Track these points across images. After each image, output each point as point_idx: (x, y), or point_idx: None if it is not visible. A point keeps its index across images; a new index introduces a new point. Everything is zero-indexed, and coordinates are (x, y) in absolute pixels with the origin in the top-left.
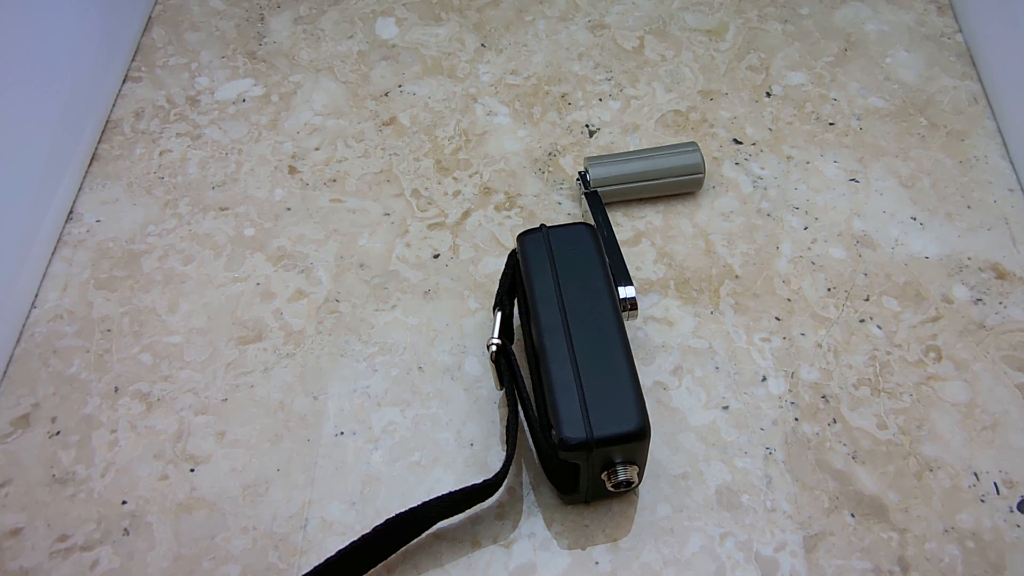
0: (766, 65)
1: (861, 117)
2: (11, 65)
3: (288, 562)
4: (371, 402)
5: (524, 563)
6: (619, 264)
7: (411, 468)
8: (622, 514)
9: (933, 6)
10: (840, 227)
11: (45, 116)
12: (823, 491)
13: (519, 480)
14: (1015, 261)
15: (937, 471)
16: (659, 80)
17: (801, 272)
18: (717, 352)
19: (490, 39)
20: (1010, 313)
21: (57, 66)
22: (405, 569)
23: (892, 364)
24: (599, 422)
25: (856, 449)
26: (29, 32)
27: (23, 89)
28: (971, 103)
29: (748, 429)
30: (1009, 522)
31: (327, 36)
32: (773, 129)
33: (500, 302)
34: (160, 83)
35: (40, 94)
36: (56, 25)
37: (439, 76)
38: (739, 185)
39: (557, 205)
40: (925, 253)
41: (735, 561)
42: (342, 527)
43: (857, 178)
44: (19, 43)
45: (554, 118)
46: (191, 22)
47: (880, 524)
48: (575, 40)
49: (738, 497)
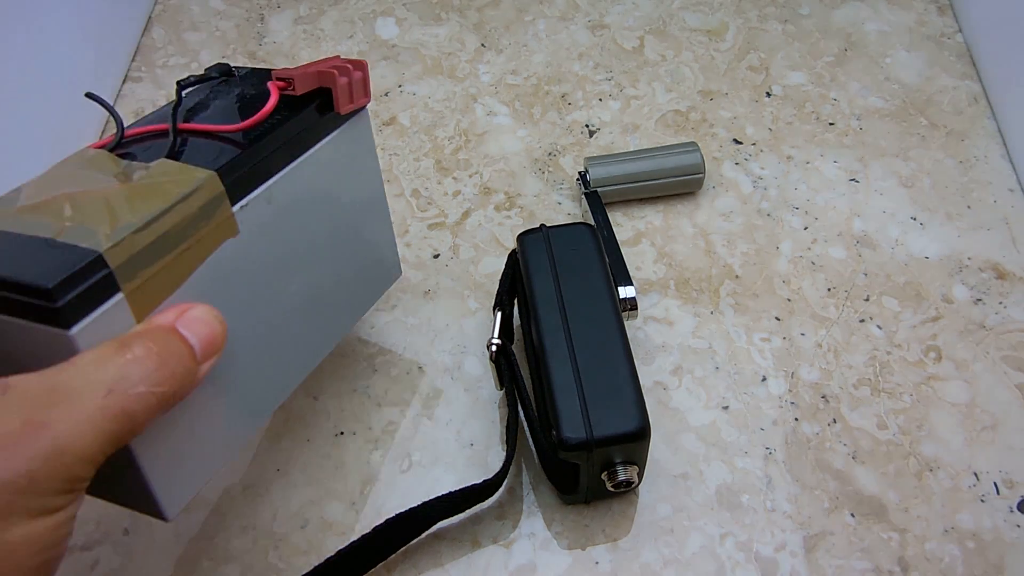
0: (766, 65)
1: (861, 117)
2: (11, 65)
3: (288, 562)
4: (371, 402)
5: (524, 563)
6: (619, 264)
7: (411, 468)
8: (622, 514)
9: (933, 6)
10: (840, 227)
11: (45, 116)
12: (823, 491)
13: (519, 480)
14: (1015, 261)
15: (937, 471)
16: (659, 80)
17: (801, 272)
18: (717, 352)
19: (490, 39)
20: (1010, 313)
21: (57, 66)
22: (405, 569)
23: (892, 364)
24: (599, 422)
25: (856, 449)
26: (29, 32)
27: (23, 89)
28: (971, 103)
29: (748, 429)
30: (1009, 522)
31: (327, 36)
32: (773, 129)
33: (500, 302)
34: (160, 83)
35: (40, 94)
36: (56, 25)
37: (439, 76)
38: (739, 185)
39: (557, 205)
40: (925, 253)
41: (735, 561)
42: (342, 527)
43: (857, 178)
44: (19, 43)
45: (554, 118)
46: (191, 22)
47: (880, 524)
48: (575, 40)
49: (738, 497)
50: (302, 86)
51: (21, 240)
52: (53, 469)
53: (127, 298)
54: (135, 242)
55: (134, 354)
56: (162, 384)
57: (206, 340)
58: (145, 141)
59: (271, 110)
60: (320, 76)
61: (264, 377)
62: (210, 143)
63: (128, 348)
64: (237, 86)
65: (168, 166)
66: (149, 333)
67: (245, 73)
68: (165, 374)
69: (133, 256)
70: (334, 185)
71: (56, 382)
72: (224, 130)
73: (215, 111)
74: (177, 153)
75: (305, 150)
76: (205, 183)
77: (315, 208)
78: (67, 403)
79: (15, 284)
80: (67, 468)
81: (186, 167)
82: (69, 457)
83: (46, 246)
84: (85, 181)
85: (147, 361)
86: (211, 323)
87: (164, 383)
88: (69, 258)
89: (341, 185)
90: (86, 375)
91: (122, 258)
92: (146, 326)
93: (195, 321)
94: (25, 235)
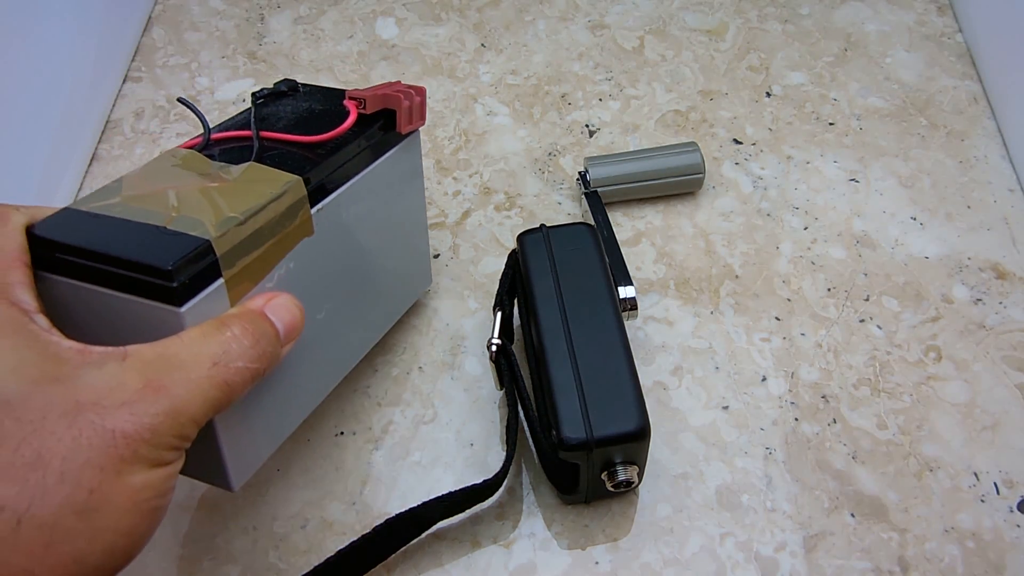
0: (766, 65)
1: (861, 117)
2: (11, 65)
3: (288, 562)
4: (371, 402)
5: (524, 563)
6: (619, 264)
7: (411, 468)
8: (622, 514)
9: (933, 6)
10: (840, 227)
11: (45, 116)
12: (823, 491)
13: (519, 480)
14: (1015, 261)
15: (937, 471)
16: (659, 80)
17: (801, 272)
18: (717, 352)
19: (490, 39)
20: (1010, 313)
21: (57, 66)
22: (405, 569)
23: (892, 364)
24: (599, 422)
25: (856, 449)
26: (29, 32)
27: (23, 89)
28: (971, 103)
29: (748, 429)
30: (1009, 522)
31: (327, 36)
32: (773, 129)
33: (500, 302)
34: (160, 83)
35: (40, 94)
36: (56, 25)
37: (439, 76)
38: (739, 185)
39: (557, 205)
40: (925, 253)
41: (735, 561)
42: (342, 527)
43: (857, 178)
44: (19, 43)
45: (554, 118)
46: (191, 22)
47: (880, 524)
48: (575, 40)
49: (738, 497)
50: (372, 106)
51: (134, 226)
52: (170, 426)
53: (226, 283)
54: (237, 234)
55: (233, 333)
56: (256, 361)
57: (289, 325)
58: (228, 144)
59: (351, 125)
60: (387, 98)
61: (318, 367)
62: (292, 151)
63: (228, 327)
64: (304, 100)
65: (257, 169)
66: (244, 315)
67: (309, 89)
68: (258, 352)
69: (234, 247)
70: (387, 197)
71: (168, 352)
72: (304, 140)
73: (290, 122)
74: (263, 158)
75: (369, 164)
76: (293, 186)
77: (370, 217)
78: (181, 370)
79: (136, 264)
80: (181, 427)
81: (273, 171)
82: (183, 417)
83: (159, 232)
84: (183, 177)
85: (244, 339)
86: (293, 310)
87: (257, 360)
88: (183, 243)
89: (393, 198)
90: (194, 348)
91: (225, 247)
92: (240, 309)
93: (280, 308)
94: (137, 221)
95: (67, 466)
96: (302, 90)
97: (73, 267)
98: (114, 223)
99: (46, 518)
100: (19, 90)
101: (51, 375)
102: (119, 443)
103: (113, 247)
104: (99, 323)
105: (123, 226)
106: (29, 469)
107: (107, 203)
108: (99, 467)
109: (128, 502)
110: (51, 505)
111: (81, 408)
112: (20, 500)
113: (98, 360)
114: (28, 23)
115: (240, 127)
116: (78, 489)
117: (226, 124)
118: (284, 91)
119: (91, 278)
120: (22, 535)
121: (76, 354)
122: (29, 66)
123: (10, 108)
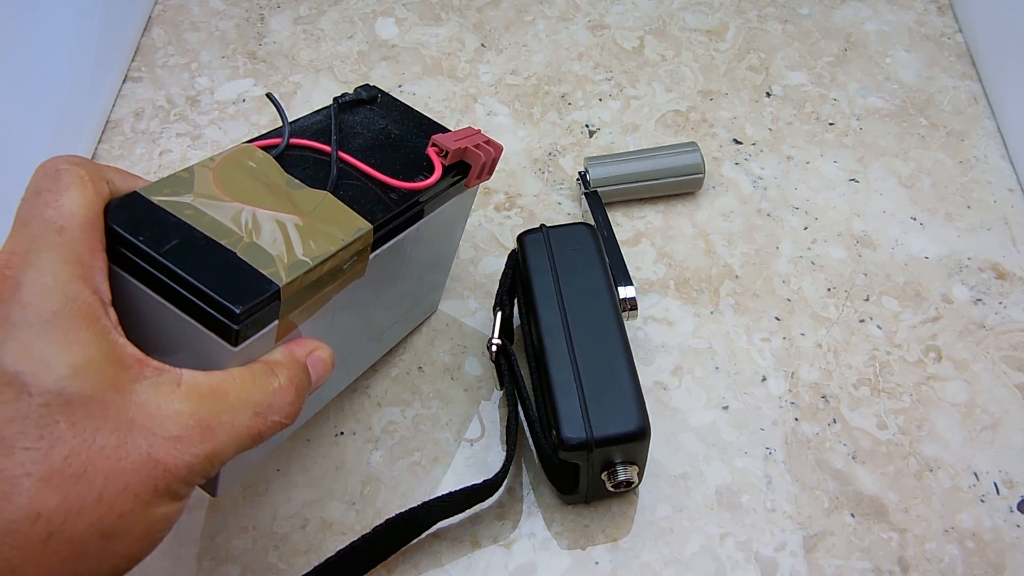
0: (766, 65)
1: (861, 117)
2: (11, 65)
3: (288, 562)
4: (371, 402)
5: (524, 563)
6: (619, 264)
7: (411, 468)
8: (622, 514)
9: (933, 6)
10: (840, 227)
11: (45, 116)
12: (823, 491)
13: (519, 480)
14: (1015, 261)
15: (937, 471)
16: (659, 80)
17: (801, 272)
18: (717, 352)
19: (490, 39)
20: (1010, 313)
21: (57, 66)
22: (405, 569)
23: (892, 364)
24: (599, 422)
25: (856, 449)
26: (29, 32)
27: (23, 89)
28: (971, 103)
29: (748, 429)
30: (1009, 522)
31: (327, 36)
32: (773, 129)
33: (500, 302)
34: (160, 83)
35: (40, 94)
36: (56, 25)
37: (439, 76)
38: (739, 185)
39: (557, 205)
40: (925, 253)
41: (735, 561)
42: (342, 527)
43: (857, 178)
44: (19, 43)
45: (554, 118)
46: (191, 22)
47: (880, 524)
48: (575, 40)
49: (738, 497)
50: (452, 159)
51: (206, 244)
52: (204, 468)
53: (278, 324)
54: (303, 281)
55: (280, 384)
56: (289, 418)
57: (319, 380)
58: (305, 152)
59: (435, 182)
60: (467, 153)
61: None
62: (368, 189)
63: (275, 376)
64: (383, 116)
65: (331, 205)
66: (291, 365)
67: (387, 101)
68: (295, 409)
69: (297, 292)
70: (434, 239)
71: (221, 389)
72: (382, 180)
73: (367, 142)
74: (338, 187)
75: (432, 211)
76: (363, 235)
77: (414, 257)
78: (227, 414)
79: (207, 296)
80: (212, 468)
81: (347, 211)
82: (217, 460)
83: (231, 261)
84: (255, 188)
85: (287, 394)
86: (328, 366)
87: (290, 417)
88: (254, 286)
89: (439, 239)
90: (243, 393)
91: (290, 293)
92: (288, 357)
93: (319, 363)
94: (208, 236)
95: (107, 487)
96: (380, 100)
97: (141, 272)
98: (186, 233)
99: (75, 536)
100: (19, 90)
101: (113, 382)
102: (158, 475)
103: (186, 268)
104: (151, 326)
105: (195, 242)
106: (73, 482)
107: (178, 200)
108: (135, 494)
109: (145, 531)
110: (83, 524)
111: (133, 428)
112: (57, 513)
113: (154, 377)
114: (28, 23)
115: (319, 135)
116: (110, 512)
117: (305, 125)
118: (364, 99)
119: (157, 288)
120: (49, 548)
121: (136, 363)
122: (29, 66)
123: (10, 108)
